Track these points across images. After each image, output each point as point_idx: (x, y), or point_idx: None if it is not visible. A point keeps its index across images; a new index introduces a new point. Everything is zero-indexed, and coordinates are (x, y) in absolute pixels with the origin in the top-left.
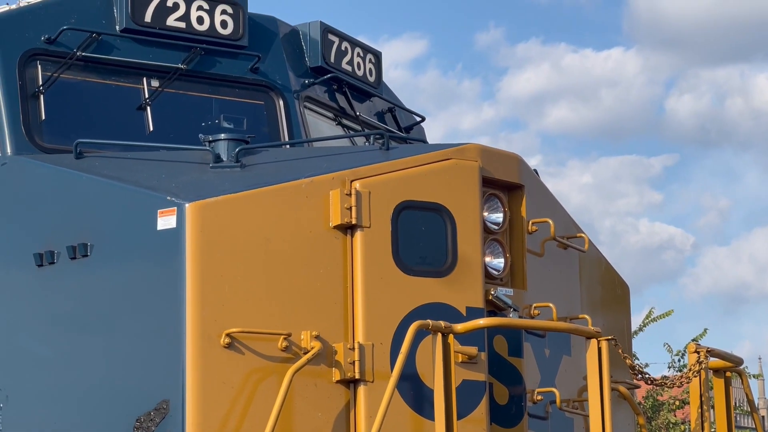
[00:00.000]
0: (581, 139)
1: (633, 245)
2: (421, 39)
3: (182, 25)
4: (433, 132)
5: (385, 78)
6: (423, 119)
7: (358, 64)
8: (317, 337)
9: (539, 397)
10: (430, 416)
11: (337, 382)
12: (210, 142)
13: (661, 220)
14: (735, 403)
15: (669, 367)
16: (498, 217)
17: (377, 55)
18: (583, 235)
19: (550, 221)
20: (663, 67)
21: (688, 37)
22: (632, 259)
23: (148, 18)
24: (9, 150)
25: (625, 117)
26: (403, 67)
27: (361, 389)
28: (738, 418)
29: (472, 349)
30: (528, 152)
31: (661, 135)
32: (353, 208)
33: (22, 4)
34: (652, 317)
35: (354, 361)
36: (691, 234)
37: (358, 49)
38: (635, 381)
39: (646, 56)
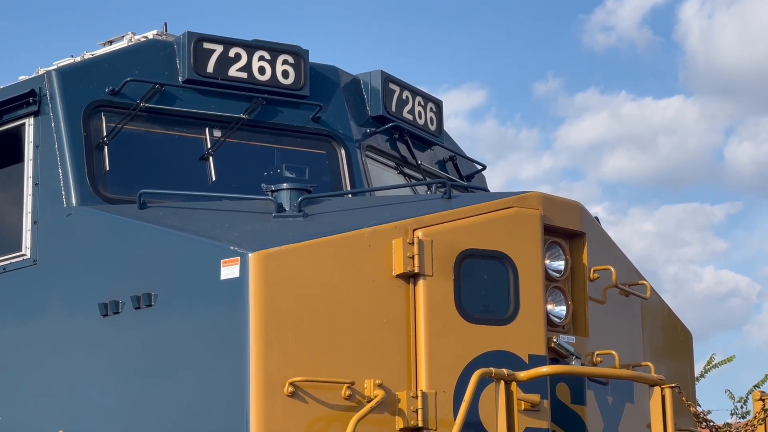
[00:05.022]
0: (641, 188)
1: (698, 293)
2: (481, 89)
3: (244, 75)
4: (494, 181)
5: (444, 127)
6: (484, 167)
7: (419, 112)
8: (380, 386)
9: None
10: None
11: (401, 430)
12: (272, 191)
13: (727, 268)
14: None
15: (732, 414)
16: (560, 264)
17: (438, 104)
18: (645, 282)
19: (612, 268)
20: (721, 115)
21: (745, 85)
22: (697, 306)
23: (210, 69)
24: (74, 201)
25: (684, 165)
26: (463, 117)
27: None
28: None
29: (535, 397)
30: (590, 201)
31: (721, 183)
32: (416, 257)
33: (86, 57)
34: (713, 363)
35: (417, 410)
36: (757, 282)
37: (419, 98)
38: (699, 429)
39: (702, 104)
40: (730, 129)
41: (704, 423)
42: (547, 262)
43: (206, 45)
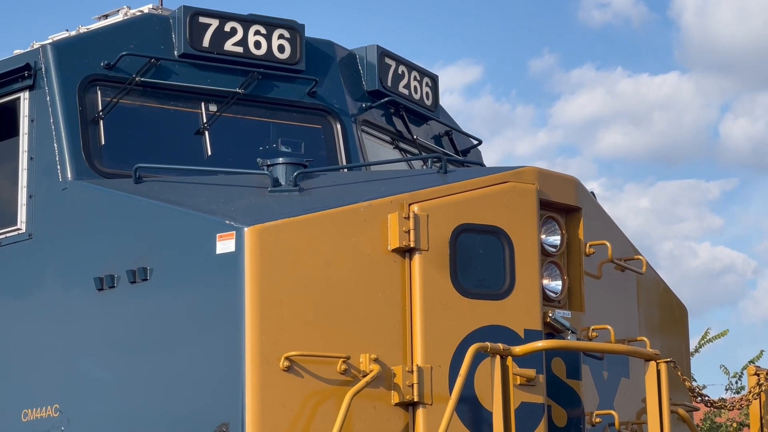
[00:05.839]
0: (637, 164)
1: (694, 269)
2: (476, 65)
3: (240, 49)
4: (489, 157)
5: (440, 103)
6: (480, 142)
7: (415, 87)
8: (376, 360)
9: (598, 420)
10: None
11: (396, 404)
12: (268, 166)
13: (723, 244)
14: None
15: (726, 390)
16: (555, 239)
17: (434, 79)
18: (640, 257)
19: (608, 243)
20: (717, 91)
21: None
22: (692, 283)
23: (206, 43)
24: (70, 175)
25: (679, 141)
26: (458, 93)
27: (420, 412)
28: None
29: (531, 372)
30: (585, 177)
31: (717, 159)
32: (411, 232)
33: (81, 31)
34: (707, 338)
35: (413, 384)
36: (753, 258)
37: (414, 73)
38: (695, 403)
39: (698, 80)
40: (726, 105)
41: (699, 398)
42: (543, 236)
43: (202, 19)
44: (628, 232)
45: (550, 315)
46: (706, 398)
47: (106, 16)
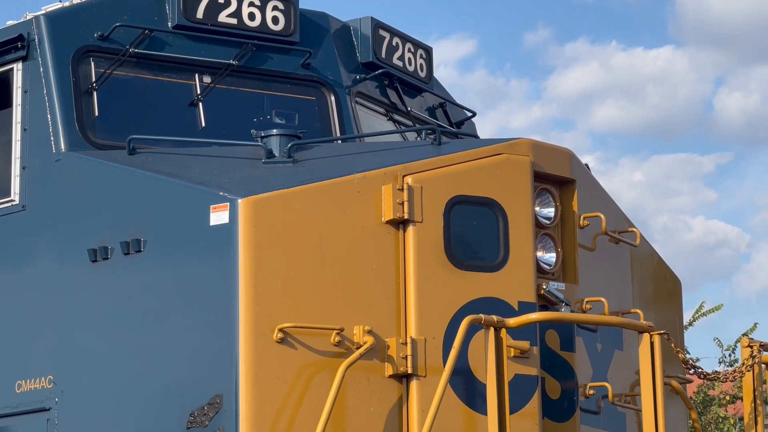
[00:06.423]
0: (631, 138)
1: (688, 243)
2: (471, 39)
3: (234, 21)
4: (484, 130)
5: (434, 76)
6: (474, 114)
7: (409, 59)
8: (370, 332)
9: (591, 392)
10: (483, 411)
11: (390, 376)
12: (262, 137)
13: (717, 218)
14: None
15: (720, 362)
16: (549, 211)
17: (428, 51)
18: (634, 229)
19: (602, 216)
20: (711, 65)
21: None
22: (687, 256)
23: (199, 14)
24: (63, 146)
25: (674, 115)
26: (452, 67)
27: (414, 384)
28: None
29: (525, 344)
30: (580, 151)
31: (711, 133)
32: (405, 203)
33: (75, 2)
34: (702, 311)
35: (406, 356)
36: (747, 232)
37: (409, 45)
38: (688, 375)
39: (692, 54)
40: (720, 79)
41: (692, 369)
42: (537, 209)
43: None
44: (622, 206)
45: (544, 287)
46: (700, 370)
47: None
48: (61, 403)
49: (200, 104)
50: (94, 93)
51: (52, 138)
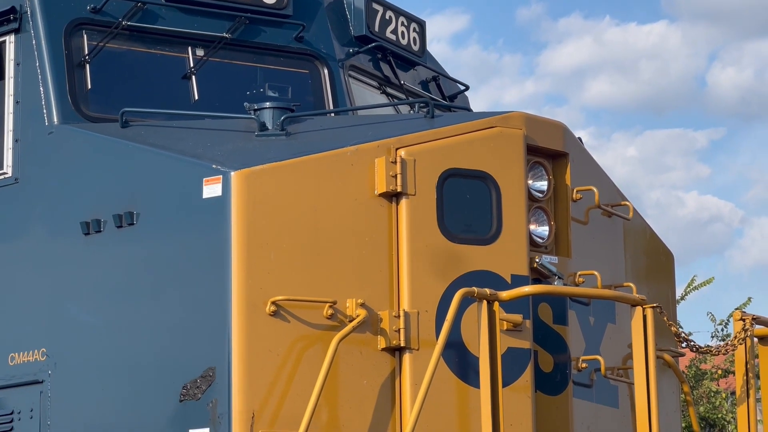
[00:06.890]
0: (624, 113)
1: (681, 218)
2: (464, 14)
3: None
4: (477, 105)
5: (427, 50)
6: (467, 88)
7: (402, 33)
8: (362, 305)
9: (584, 365)
10: (476, 384)
11: (383, 349)
12: (255, 110)
13: (710, 193)
14: None
15: (712, 337)
16: (542, 185)
17: (421, 24)
18: (627, 203)
19: (595, 189)
20: (704, 40)
21: (729, 10)
22: (680, 232)
23: None
24: (56, 119)
25: (667, 90)
26: (445, 42)
27: (407, 357)
28: None
29: (517, 317)
30: (573, 126)
31: (704, 108)
32: (398, 176)
33: None
34: (693, 285)
35: (399, 329)
36: (740, 208)
37: (402, 18)
38: (680, 349)
39: (685, 29)
40: (713, 54)
41: (685, 343)
42: (530, 182)
43: None
44: (615, 181)
45: (537, 260)
46: (692, 343)
47: None
48: (54, 376)
49: (193, 77)
50: (87, 66)
51: (44, 111)
